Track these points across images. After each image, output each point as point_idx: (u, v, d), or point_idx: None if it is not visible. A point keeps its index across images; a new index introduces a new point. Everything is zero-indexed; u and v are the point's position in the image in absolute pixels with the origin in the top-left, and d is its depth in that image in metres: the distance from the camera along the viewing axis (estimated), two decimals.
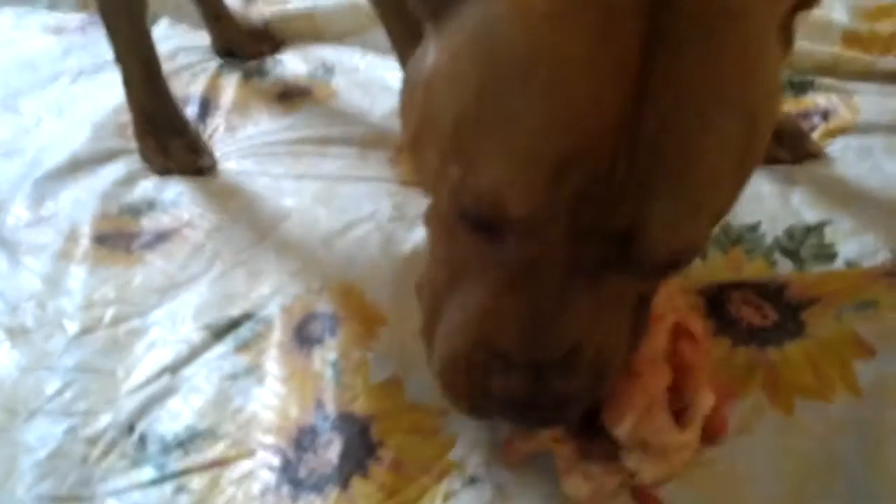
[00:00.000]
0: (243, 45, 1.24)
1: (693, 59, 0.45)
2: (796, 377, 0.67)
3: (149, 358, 0.76)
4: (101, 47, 1.25)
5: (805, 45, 1.08)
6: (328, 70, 1.17)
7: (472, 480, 0.63)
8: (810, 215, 0.84)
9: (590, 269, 0.49)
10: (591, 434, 0.59)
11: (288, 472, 0.65)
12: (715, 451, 0.62)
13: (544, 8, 0.46)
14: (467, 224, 0.50)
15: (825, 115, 0.98)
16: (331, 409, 0.69)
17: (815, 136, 0.95)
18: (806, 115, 0.99)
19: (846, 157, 0.91)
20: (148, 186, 0.98)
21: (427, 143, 0.52)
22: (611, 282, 0.50)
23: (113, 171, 1.01)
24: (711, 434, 0.62)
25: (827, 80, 1.04)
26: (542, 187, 0.46)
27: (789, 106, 1.00)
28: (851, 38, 1.12)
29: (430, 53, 0.52)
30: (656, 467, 0.58)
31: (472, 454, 0.64)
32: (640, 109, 0.45)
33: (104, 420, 0.71)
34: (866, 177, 0.88)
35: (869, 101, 0.99)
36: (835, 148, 0.93)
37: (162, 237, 0.90)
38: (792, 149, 0.92)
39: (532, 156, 0.46)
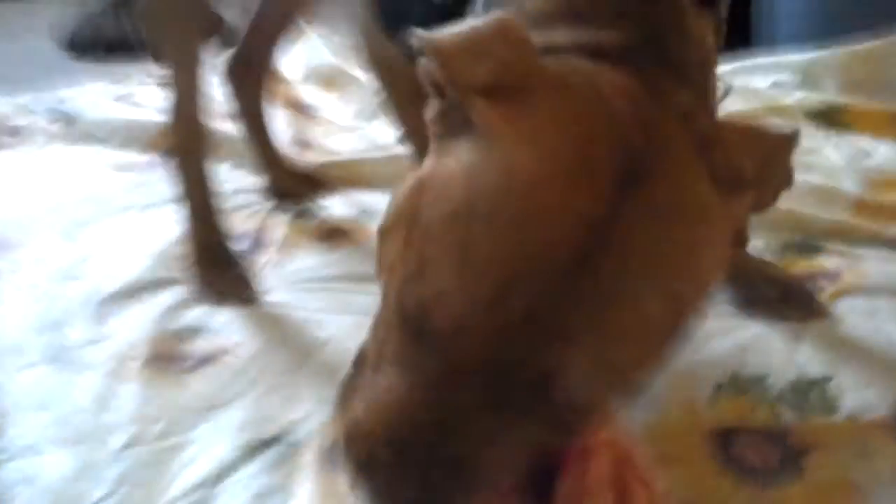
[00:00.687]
0: (294, 189, 1.35)
1: (644, 244, 0.53)
2: None
3: (187, 472, 0.81)
4: (164, 185, 1.36)
5: (816, 211, 1.16)
6: (368, 214, 1.26)
7: None
8: (815, 370, 0.89)
9: (491, 404, 0.53)
10: None
11: None
12: None
13: (529, 172, 0.53)
14: (402, 321, 0.56)
15: (833, 277, 1.04)
16: None
17: (823, 297, 1.00)
18: (814, 276, 1.05)
19: (851, 317, 0.97)
20: (197, 314, 1.05)
21: (396, 233, 0.57)
22: (512, 424, 0.54)
23: (165, 299, 1.09)
24: None
25: (835, 245, 1.10)
26: (474, 309, 0.51)
27: (799, 268, 1.07)
28: (861, 208, 1.19)
29: (432, 160, 0.59)
30: None
31: None
32: (583, 270, 0.51)
33: None
34: (869, 336, 0.94)
35: (875, 267, 1.05)
36: (840, 309, 0.98)
37: (206, 361, 0.97)
38: (799, 308, 0.98)
39: (476, 281, 0.52)
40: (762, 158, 0.59)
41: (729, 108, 0.94)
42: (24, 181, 1.48)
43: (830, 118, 1.46)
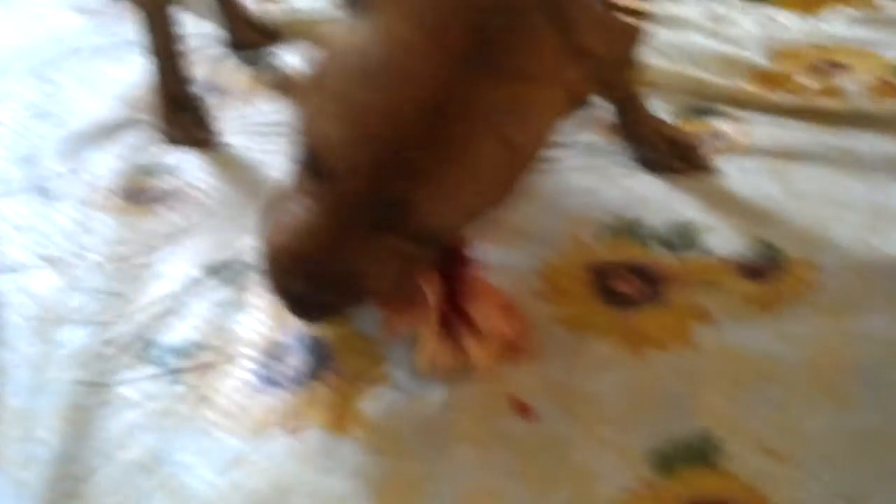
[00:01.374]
0: (246, 37, 1.44)
1: (481, 99, 0.68)
2: (649, 333, 0.89)
3: (154, 287, 0.96)
4: (119, 27, 1.45)
5: (715, 77, 1.30)
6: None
7: (394, 386, 0.84)
8: (687, 214, 1.04)
9: (371, 225, 0.70)
10: (446, 325, 0.83)
11: (260, 373, 0.86)
12: (580, 379, 0.84)
13: (399, 40, 0.68)
14: (305, 160, 0.73)
15: (722, 137, 1.19)
16: (295, 332, 0.89)
17: (709, 153, 1.15)
18: (706, 136, 1.20)
19: (729, 172, 1.11)
20: (159, 153, 1.18)
21: (310, 89, 0.74)
22: (387, 241, 0.71)
23: (130, 138, 1.20)
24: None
25: (730, 110, 1.24)
26: (349, 150, 0.69)
27: (692, 128, 1.21)
28: (759, 76, 1.32)
29: (346, 28, 0.73)
30: (484, 351, 0.83)
31: (397, 369, 0.86)
32: (433, 121, 0.67)
33: (118, 330, 0.91)
34: (742, 190, 1.08)
35: (760, 130, 1.19)
36: (723, 165, 1.13)
37: (169, 195, 1.10)
38: (685, 161, 1.12)
39: (350, 127, 0.69)
40: (610, 40, 0.74)
41: None
42: None
43: None
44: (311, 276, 0.73)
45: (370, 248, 0.71)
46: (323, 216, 0.71)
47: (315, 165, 0.72)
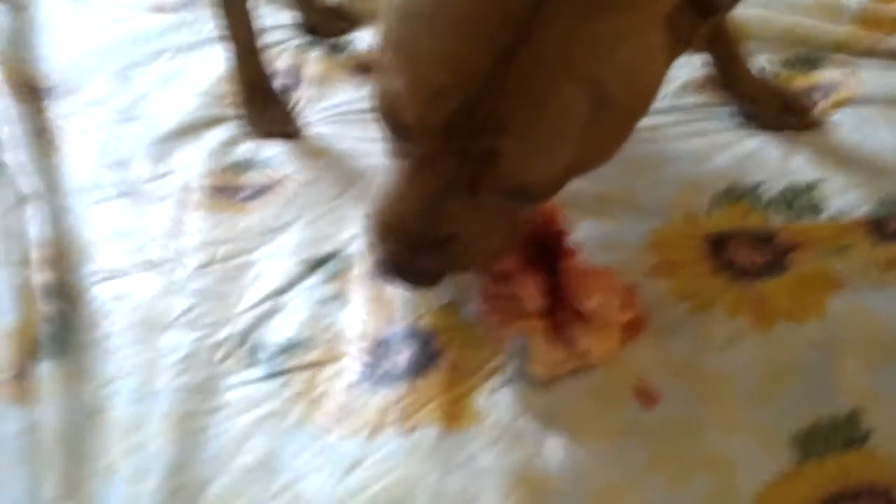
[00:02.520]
0: (325, 24, 1.41)
1: (560, 36, 0.60)
2: (777, 304, 0.83)
3: (255, 286, 0.94)
4: (199, 25, 1.44)
5: (817, 24, 1.22)
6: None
7: (510, 380, 0.80)
8: (806, 175, 0.98)
9: (465, 182, 0.65)
10: (556, 324, 0.78)
11: (368, 371, 0.83)
12: (706, 357, 0.79)
13: None
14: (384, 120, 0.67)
15: (833, 87, 1.12)
16: (402, 325, 0.86)
17: (822, 106, 1.08)
18: (816, 87, 1.13)
19: (845, 124, 1.05)
20: (247, 148, 1.16)
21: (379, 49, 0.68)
22: (486, 198, 0.66)
23: (217, 135, 1.19)
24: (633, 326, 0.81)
25: (836, 56, 1.17)
26: (421, 107, 0.63)
27: (799, 82, 1.14)
28: (863, 18, 1.25)
29: None
30: (602, 343, 0.78)
31: (510, 361, 0.81)
32: (508, 66, 0.60)
33: (223, 333, 0.89)
34: (860, 143, 1.02)
35: (871, 76, 1.12)
36: (836, 117, 1.06)
37: (261, 190, 1.08)
38: (796, 116, 1.06)
39: (419, 80, 0.63)
40: None
41: None
42: (65, 26, 1.55)
43: None
44: (411, 243, 0.69)
45: (466, 208, 0.67)
46: (413, 180, 0.67)
47: (390, 123, 0.67)
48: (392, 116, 0.66)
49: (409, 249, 0.69)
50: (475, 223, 0.68)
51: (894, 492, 0.68)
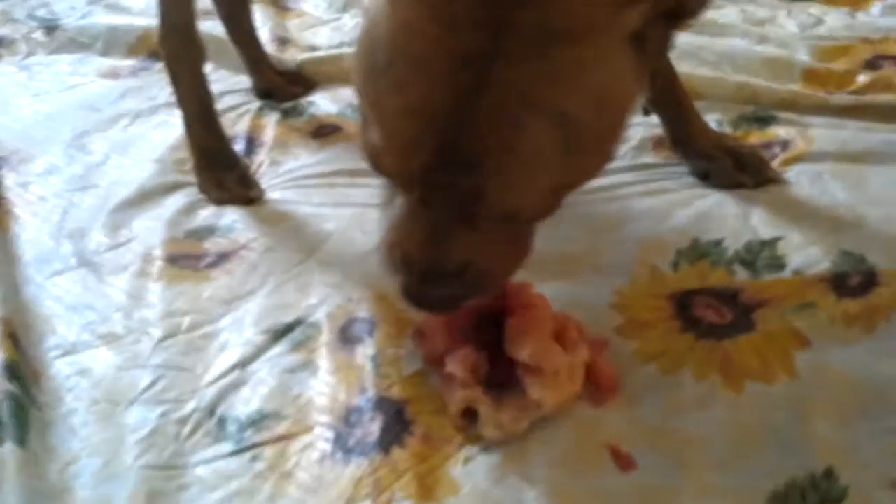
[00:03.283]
0: (280, 88, 1.41)
1: (521, 73, 0.61)
2: (746, 363, 0.84)
3: (221, 357, 0.92)
4: (153, 90, 1.44)
5: (768, 83, 1.26)
6: (354, 107, 1.33)
7: (486, 448, 0.79)
8: (766, 232, 1.00)
9: (460, 216, 0.67)
10: (503, 389, 0.79)
11: (339, 442, 0.81)
12: (677, 421, 0.79)
13: (400, 19, 0.63)
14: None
15: (784, 145, 1.15)
16: (372, 393, 0.85)
17: (775, 164, 1.11)
18: (768, 145, 1.15)
19: (800, 181, 1.07)
20: (207, 214, 1.15)
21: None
22: (485, 226, 0.68)
23: (176, 202, 1.18)
24: (599, 381, 0.82)
25: (787, 115, 1.20)
26: (398, 157, 0.66)
27: (754, 137, 1.17)
28: (810, 76, 1.28)
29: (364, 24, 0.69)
30: (554, 392, 0.78)
31: (485, 429, 0.80)
32: (473, 108, 0.61)
33: (190, 406, 0.87)
34: (816, 198, 1.04)
35: (822, 133, 1.15)
36: (791, 174, 1.09)
37: (223, 257, 1.07)
38: (753, 175, 1.07)
39: (390, 133, 0.65)
40: None
41: None
42: (17, 93, 1.53)
43: None
44: (424, 276, 0.70)
45: (470, 237, 0.68)
46: (412, 219, 0.69)
47: (384, 176, 0.70)
48: (377, 167, 0.68)
49: (422, 282, 0.71)
50: (485, 248, 0.69)
51: None
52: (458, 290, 0.72)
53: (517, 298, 0.82)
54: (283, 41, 1.59)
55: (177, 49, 1.19)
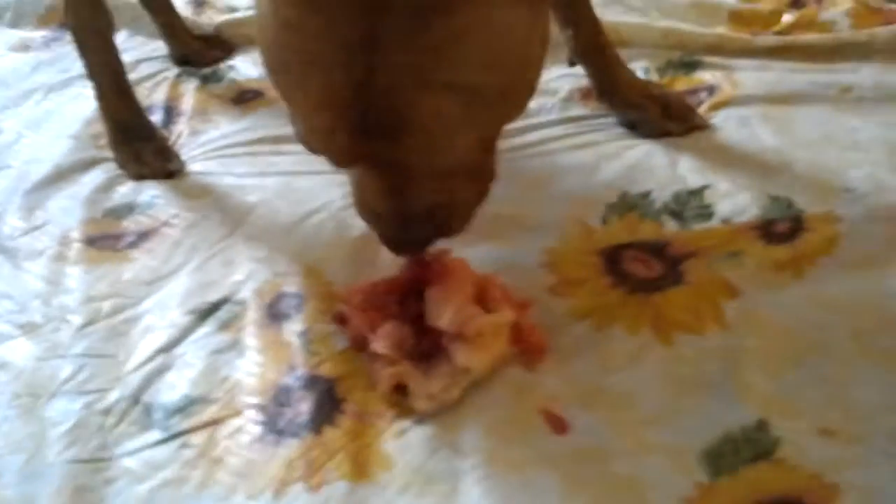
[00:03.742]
0: (198, 53, 1.37)
1: (403, 53, 0.61)
2: (676, 316, 0.83)
3: (145, 341, 0.90)
4: (66, 62, 1.38)
5: (694, 27, 1.24)
6: None
7: (420, 421, 0.78)
8: (694, 180, 0.99)
9: (405, 174, 0.69)
10: (431, 360, 0.78)
11: (270, 424, 0.79)
12: (610, 378, 0.78)
13: (283, 18, 0.64)
14: None
15: (711, 90, 1.14)
16: (302, 371, 0.83)
17: (702, 110, 1.10)
18: (694, 91, 1.14)
19: (727, 127, 1.07)
20: (126, 191, 1.11)
21: None
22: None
23: (93, 179, 1.14)
24: (527, 342, 0.81)
25: (713, 59, 1.19)
26: (320, 144, 0.70)
27: (680, 84, 1.16)
28: (736, 18, 1.27)
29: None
30: (479, 354, 0.77)
31: (417, 401, 0.79)
32: (371, 92, 0.62)
33: (113, 395, 0.84)
34: (744, 144, 1.04)
35: (748, 76, 1.15)
36: (718, 119, 1.08)
37: (143, 236, 1.03)
38: (680, 122, 1.07)
39: (307, 124, 0.69)
40: None
41: None
42: None
43: None
44: (394, 223, 0.74)
45: (424, 182, 0.70)
46: (367, 182, 0.73)
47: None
48: (308, 148, 0.72)
49: (395, 229, 0.75)
50: (443, 186, 0.71)
51: (806, 499, 0.68)
52: (430, 230, 0.75)
53: (436, 267, 0.81)
54: (199, 3, 1.54)
55: (84, 17, 1.14)
